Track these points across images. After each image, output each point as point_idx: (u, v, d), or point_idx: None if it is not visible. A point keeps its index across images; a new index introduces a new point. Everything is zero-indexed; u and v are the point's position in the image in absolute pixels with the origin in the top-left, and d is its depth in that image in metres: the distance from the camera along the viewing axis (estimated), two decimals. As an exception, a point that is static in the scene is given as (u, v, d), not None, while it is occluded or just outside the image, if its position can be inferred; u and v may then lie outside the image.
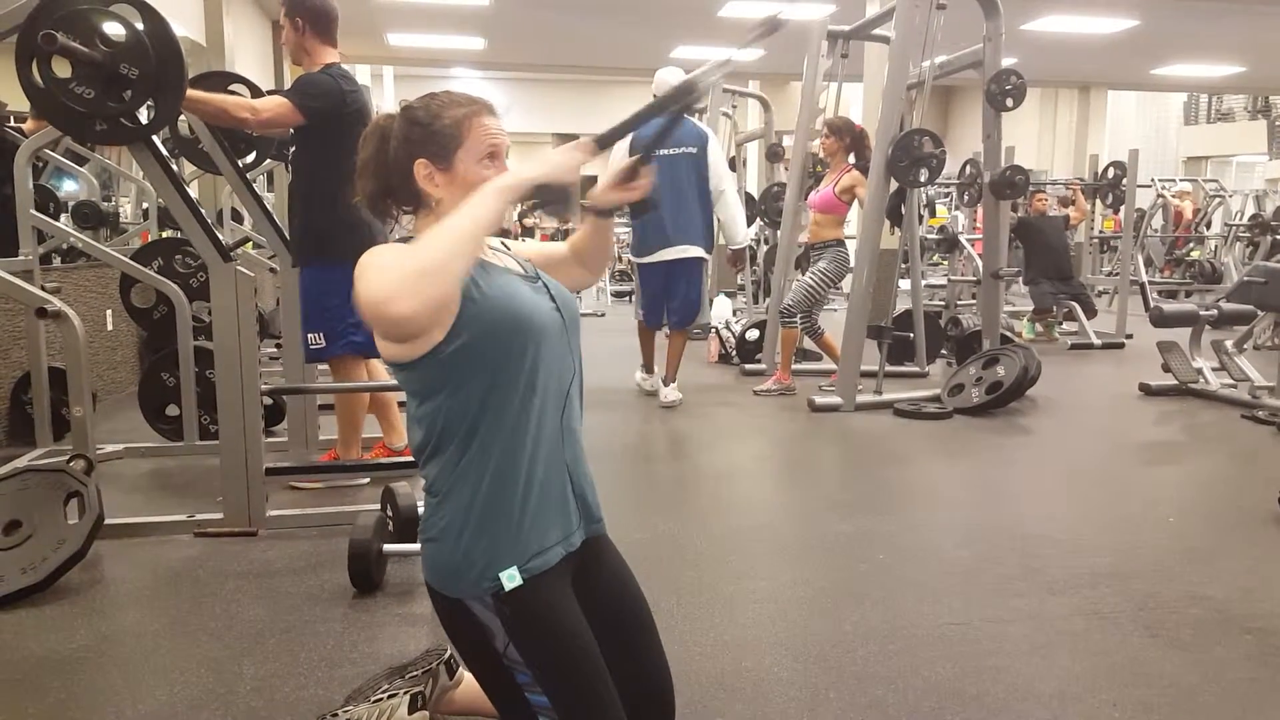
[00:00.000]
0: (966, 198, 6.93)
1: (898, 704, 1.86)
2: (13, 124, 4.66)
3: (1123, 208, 7.95)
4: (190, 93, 2.65)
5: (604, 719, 1.31)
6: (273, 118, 2.95)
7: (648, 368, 5.15)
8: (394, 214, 1.42)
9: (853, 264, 5.01)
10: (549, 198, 1.21)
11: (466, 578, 1.30)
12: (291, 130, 3.11)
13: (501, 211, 1.21)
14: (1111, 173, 7.94)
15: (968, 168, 6.37)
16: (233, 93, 3.28)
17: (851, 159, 5.03)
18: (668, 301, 4.81)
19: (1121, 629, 2.22)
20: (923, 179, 4.67)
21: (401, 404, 2.37)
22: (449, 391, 1.29)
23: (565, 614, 1.33)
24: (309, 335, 3.22)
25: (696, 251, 4.70)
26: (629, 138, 1.41)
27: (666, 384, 4.90)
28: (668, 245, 4.66)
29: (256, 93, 3.52)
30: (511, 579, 1.29)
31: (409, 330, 1.19)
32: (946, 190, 11.44)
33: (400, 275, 1.13)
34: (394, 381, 3.00)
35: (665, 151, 4.40)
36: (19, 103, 2.75)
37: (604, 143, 1.28)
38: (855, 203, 5.04)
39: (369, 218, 1.49)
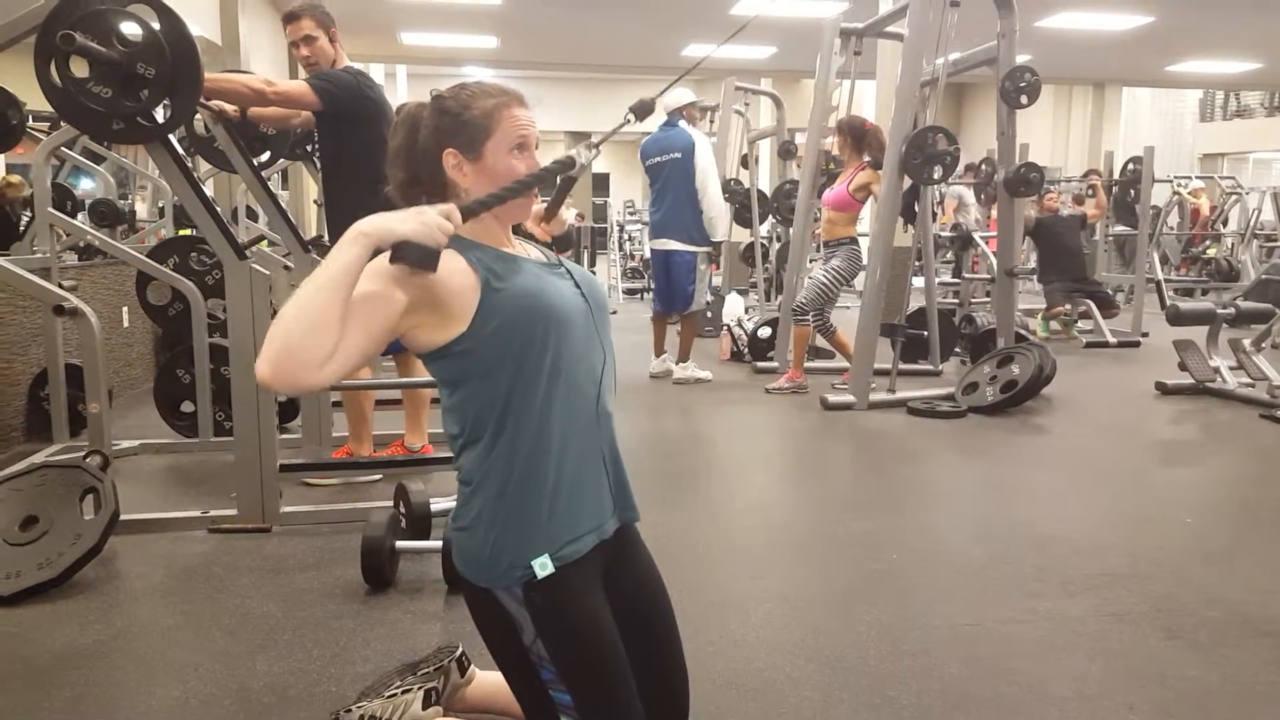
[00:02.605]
0: (983, 197, 6.90)
1: (911, 705, 1.85)
2: (31, 124, 4.69)
3: (1138, 206, 7.88)
4: (208, 76, 2.70)
5: None
6: (288, 91, 3.02)
7: (656, 352, 5.62)
8: (422, 204, 1.41)
9: (865, 262, 5.00)
10: (411, 255, 1.18)
11: (498, 567, 1.29)
12: (316, 135, 3.17)
13: (361, 259, 1.16)
14: (1131, 168, 7.87)
15: (983, 167, 6.33)
16: None
17: (866, 156, 5.02)
18: (658, 286, 5.55)
19: (1138, 630, 2.20)
20: (936, 176, 4.65)
21: (434, 401, 2.38)
22: (478, 380, 1.29)
23: (594, 611, 1.32)
24: None
25: (674, 245, 5.32)
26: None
27: (678, 362, 5.50)
28: (657, 237, 5.46)
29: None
30: (544, 567, 1.28)
31: (280, 390, 1.14)
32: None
33: (267, 341, 1.11)
34: (423, 379, 3.08)
35: (658, 159, 5.30)
36: (38, 103, 2.77)
37: (468, 213, 1.26)
38: (870, 200, 5.04)
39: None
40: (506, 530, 1.29)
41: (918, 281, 5.94)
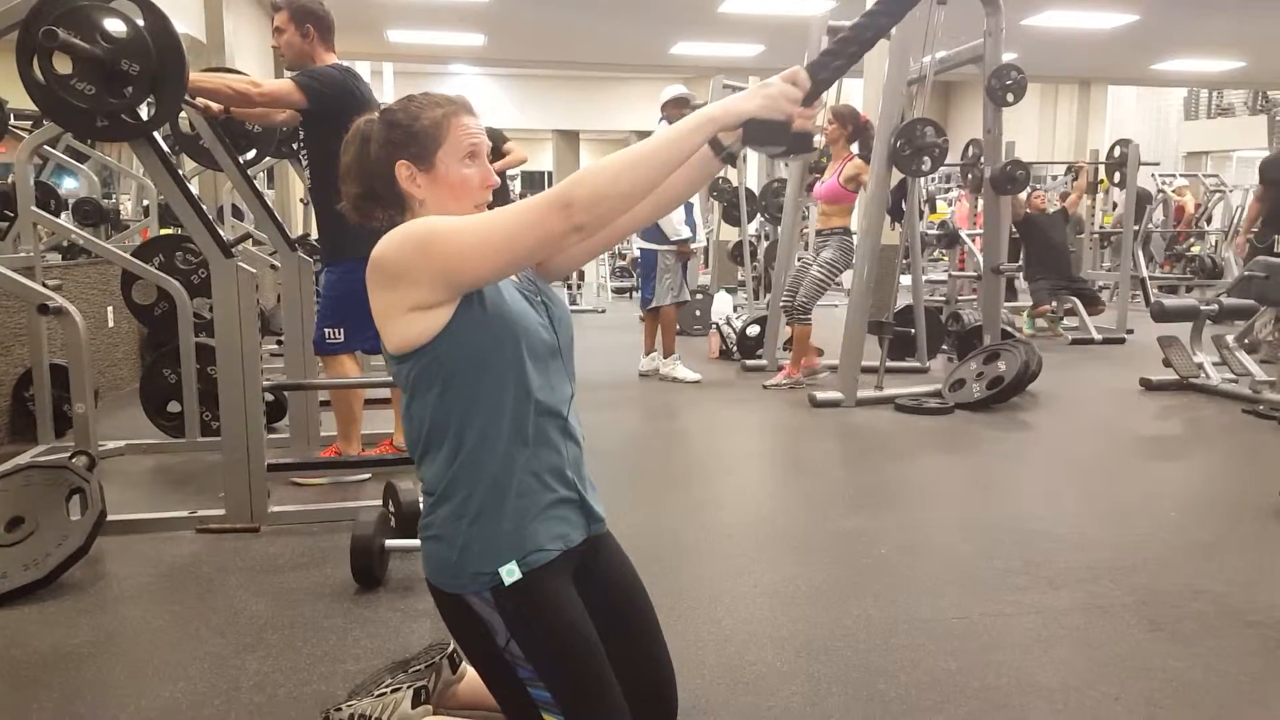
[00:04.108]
0: (970, 178, 6.92)
1: (900, 697, 1.86)
2: (14, 121, 4.65)
3: (1124, 198, 7.93)
4: (193, 75, 2.68)
5: (605, 713, 1.31)
6: (274, 91, 3.01)
7: (645, 350, 5.67)
8: (377, 218, 1.42)
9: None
10: (759, 134, 1.12)
11: (466, 573, 1.31)
12: (301, 133, 3.16)
13: (704, 143, 1.21)
14: (1118, 151, 7.91)
15: (970, 149, 6.37)
16: None
17: (855, 148, 5.04)
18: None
19: (1123, 622, 2.22)
20: (925, 168, 4.66)
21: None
22: (439, 390, 1.31)
23: (566, 608, 1.33)
24: (327, 330, 3.25)
25: (639, 243, 5.66)
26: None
27: (664, 358, 5.53)
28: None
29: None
30: (511, 574, 1.30)
31: (580, 218, 1.17)
32: (947, 187, 11.45)
33: (581, 183, 1.17)
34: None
35: None
36: (20, 100, 2.75)
37: (816, 68, 1.18)
38: (861, 191, 5.06)
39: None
40: (471, 539, 1.31)
41: (905, 279, 5.97)
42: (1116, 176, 7.97)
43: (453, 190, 1.34)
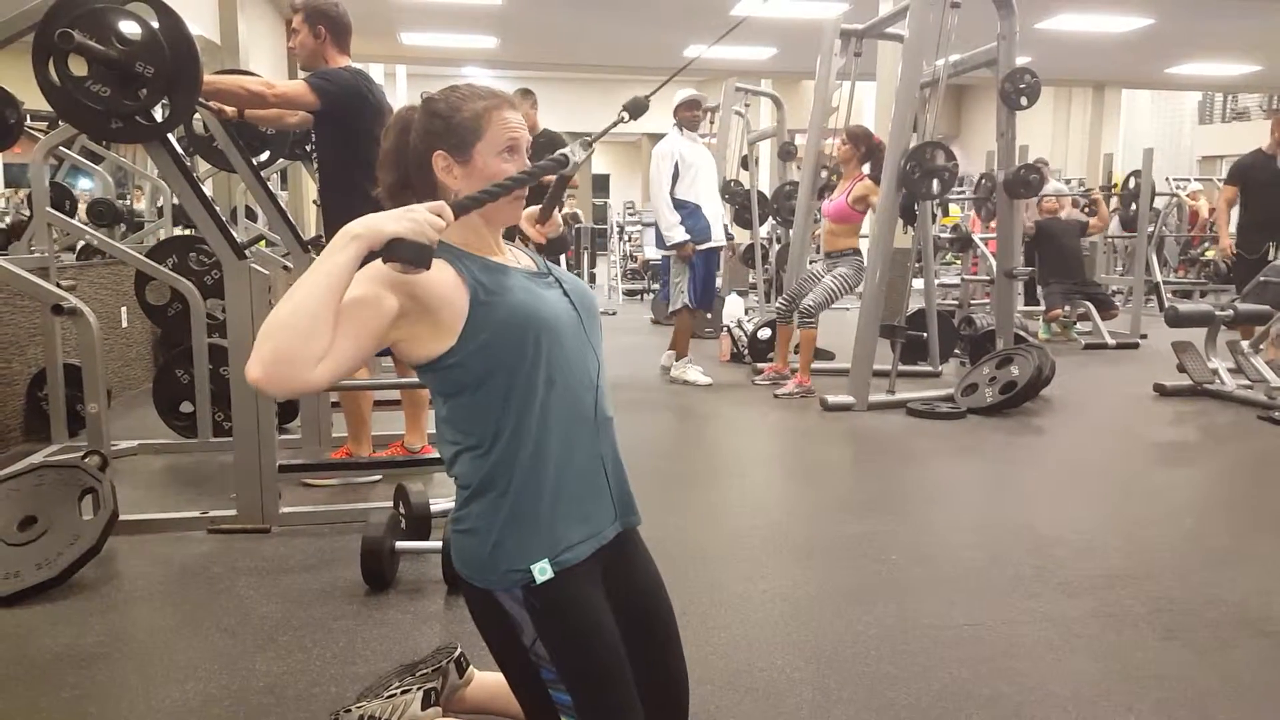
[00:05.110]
0: (984, 212, 6.92)
1: (910, 705, 1.85)
2: (30, 123, 4.69)
3: (1137, 205, 7.88)
4: (207, 77, 2.70)
5: None
6: (287, 92, 3.01)
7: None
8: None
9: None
10: (402, 254, 1.18)
11: (498, 569, 1.30)
12: (313, 135, 3.17)
13: (353, 262, 1.17)
14: (1133, 183, 7.88)
15: (983, 182, 6.35)
16: None
17: (866, 169, 5.04)
18: None
19: (1138, 631, 2.20)
20: (935, 190, 4.64)
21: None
22: (470, 392, 1.30)
23: (593, 612, 1.33)
24: None
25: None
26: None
27: (677, 360, 5.60)
28: None
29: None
30: (543, 572, 1.29)
31: (273, 392, 1.15)
32: (960, 191, 11.39)
33: (258, 343, 1.12)
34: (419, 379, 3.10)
35: None
36: (36, 101, 2.77)
37: (460, 210, 1.26)
38: (869, 211, 5.06)
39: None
40: (505, 534, 1.30)
41: (917, 283, 5.94)
42: (1132, 207, 7.95)
43: (488, 184, 1.34)
